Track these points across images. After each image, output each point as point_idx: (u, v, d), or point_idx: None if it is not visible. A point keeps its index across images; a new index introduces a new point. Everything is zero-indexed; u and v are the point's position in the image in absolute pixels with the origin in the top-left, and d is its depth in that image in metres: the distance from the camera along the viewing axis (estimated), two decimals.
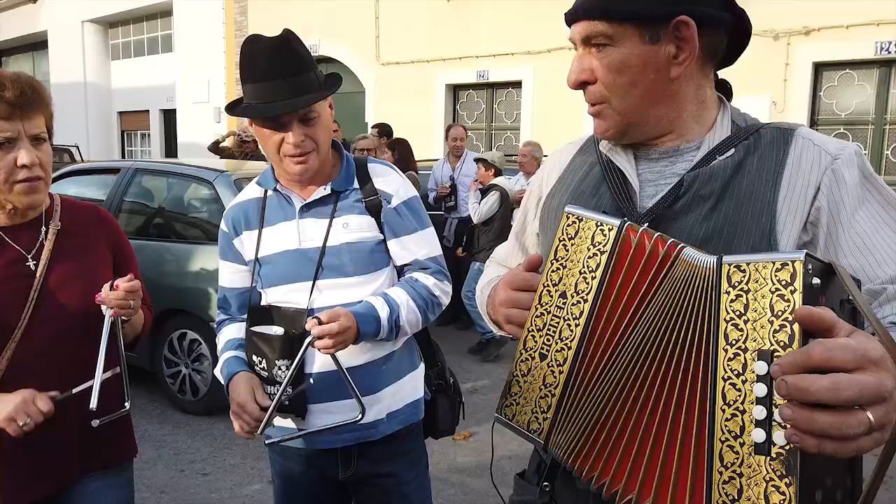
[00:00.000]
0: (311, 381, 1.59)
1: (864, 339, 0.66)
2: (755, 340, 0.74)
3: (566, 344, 0.91)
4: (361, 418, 1.54)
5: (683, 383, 0.81)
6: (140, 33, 17.17)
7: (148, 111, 16.81)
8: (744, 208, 0.95)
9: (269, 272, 1.65)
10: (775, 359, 0.71)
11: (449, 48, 9.54)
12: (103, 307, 1.50)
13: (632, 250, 0.89)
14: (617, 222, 0.90)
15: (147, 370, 4.51)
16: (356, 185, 1.65)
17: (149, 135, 17.17)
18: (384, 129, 7.10)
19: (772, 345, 0.72)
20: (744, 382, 0.74)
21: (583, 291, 0.91)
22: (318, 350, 1.48)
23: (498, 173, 5.65)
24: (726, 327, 0.77)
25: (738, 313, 0.76)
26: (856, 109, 7.34)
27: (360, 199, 1.63)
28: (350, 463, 1.67)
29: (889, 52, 6.87)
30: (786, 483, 0.70)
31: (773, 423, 0.71)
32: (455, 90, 10.11)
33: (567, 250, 0.93)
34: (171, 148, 16.07)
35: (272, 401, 1.51)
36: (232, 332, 1.74)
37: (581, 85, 1.01)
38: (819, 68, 7.40)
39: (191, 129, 14.08)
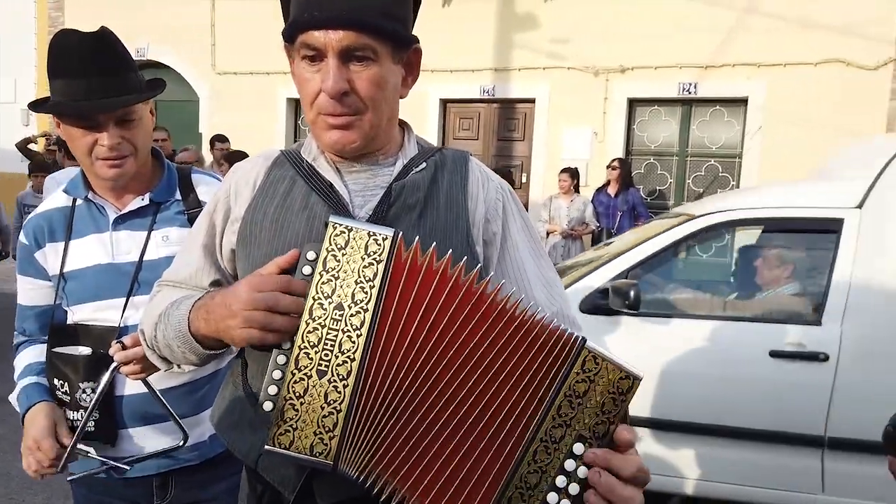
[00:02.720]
0: (123, 404, 1.46)
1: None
2: (580, 423, 0.86)
3: (349, 356, 0.88)
4: (183, 445, 1.45)
5: (507, 422, 0.88)
6: None
7: None
8: (445, 216, 1.07)
9: (76, 288, 1.51)
10: (589, 445, 0.86)
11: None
12: None
13: (408, 259, 0.90)
14: (390, 232, 0.91)
15: None
16: (178, 195, 1.57)
17: None
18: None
19: (591, 432, 0.87)
20: (556, 450, 0.87)
21: (362, 301, 0.89)
22: (126, 376, 1.38)
23: None
24: (563, 400, 0.87)
25: (577, 394, 0.87)
26: (663, 142, 8.21)
27: (183, 210, 1.55)
28: (167, 490, 1.56)
29: (689, 93, 7.78)
30: None
31: (566, 492, 0.86)
32: (297, 105, 9.93)
33: (338, 261, 0.90)
34: None
35: (75, 431, 1.38)
36: (32, 355, 1.57)
37: (340, 95, 0.99)
38: (633, 104, 8.19)
39: None
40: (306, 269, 0.92)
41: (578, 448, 0.86)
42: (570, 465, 0.86)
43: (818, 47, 7.17)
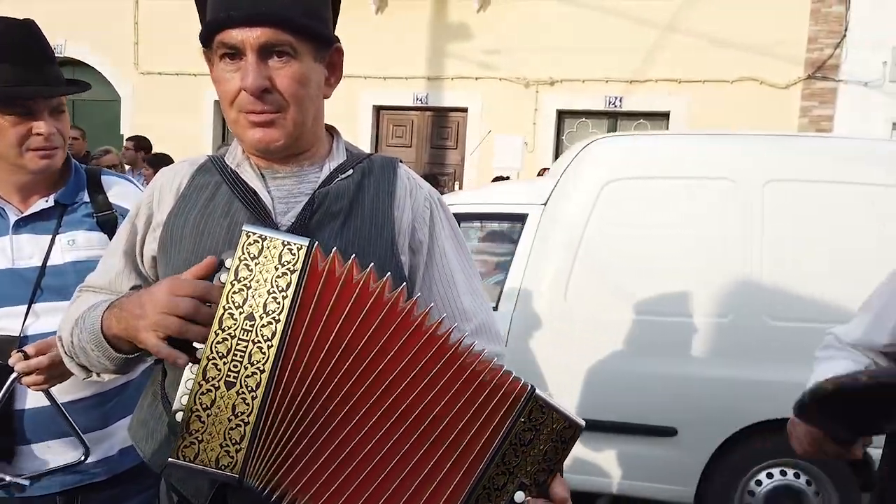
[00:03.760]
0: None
1: None
2: (522, 471, 0.88)
3: (258, 367, 0.86)
4: (85, 460, 1.38)
5: (445, 464, 0.88)
6: None
7: None
8: (369, 223, 1.06)
9: None
10: (529, 493, 0.87)
11: None
12: None
13: (325, 270, 0.88)
14: (305, 241, 0.89)
15: None
16: (86, 198, 1.50)
17: None
18: (142, 143, 6.54)
19: (532, 479, 0.88)
20: (497, 497, 0.88)
21: (274, 311, 0.87)
22: (28, 387, 1.30)
23: None
24: (508, 449, 0.88)
25: (522, 442, 0.88)
26: None
27: (91, 213, 1.49)
28: None
29: (615, 106, 8.04)
30: None
31: None
32: None
33: (250, 270, 0.87)
34: None
35: None
36: None
37: (260, 91, 0.99)
38: (561, 115, 8.40)
39: None
40: (223, 277, 0.89)
41: (519, 496, 0.87)
42: None
43: (735, 66, 7.55)
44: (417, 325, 0.88)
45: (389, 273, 0.92)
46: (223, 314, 0.86)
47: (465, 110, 8.64)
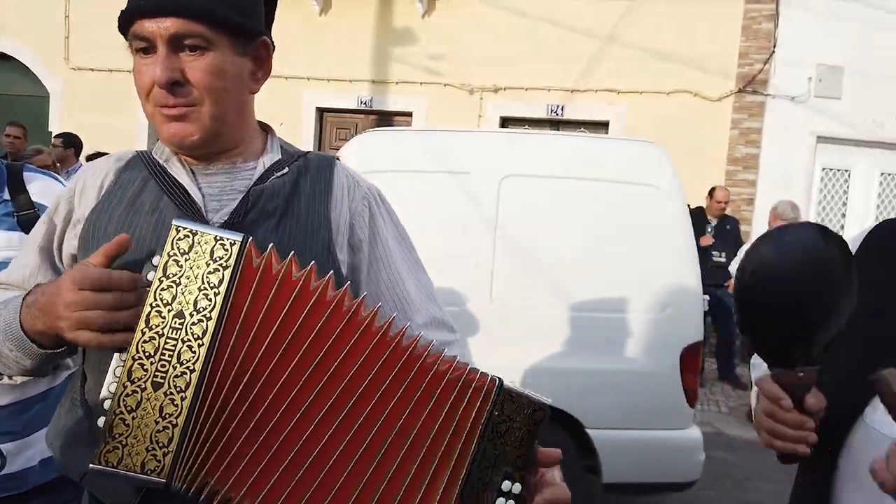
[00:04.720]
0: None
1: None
2: (503, 459, 0.87)
3: (188, 367, 0.83)
4: (1, 469, 1.31)
5: (426, 473, 0.86)
6: None
7: None
8: (305, 223, 1.04)
9: None
10: (513, 480, 0.88)
11: None
12: None
13: (261, 266, 0.86)
14: (239, 237, 0.87)
15: None
16: (6, 195, 1.43)
17: None
18: (71, 140, 6.27)
19: (513, 466, 0.88)
20: (486, 491, 0.87)
21: (205, 309, 0.84)
22: None
23: None
24: (487, 444, 0.87)
25: (499, 433, 0.87)
26: None
27: (11, 212, 1.42)
28: None
29: (557, 114, 8.18)
30: None
31: None
32: None
33: (180, 266, 0.85)
34: None
35: None
36: None
37: (170, 84, 0.96)
38: (506, 122, 8.49)
39: None
40: (151, 275, 0.86)
41: (506, 485, 0.88)
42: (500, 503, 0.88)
43: (671, 78, 7.79)
44: (367, 326, 0.86)
45: (332, 272, 0.90)
46: (150, 312, 0.83)
47: (409, 115, 8.63)
